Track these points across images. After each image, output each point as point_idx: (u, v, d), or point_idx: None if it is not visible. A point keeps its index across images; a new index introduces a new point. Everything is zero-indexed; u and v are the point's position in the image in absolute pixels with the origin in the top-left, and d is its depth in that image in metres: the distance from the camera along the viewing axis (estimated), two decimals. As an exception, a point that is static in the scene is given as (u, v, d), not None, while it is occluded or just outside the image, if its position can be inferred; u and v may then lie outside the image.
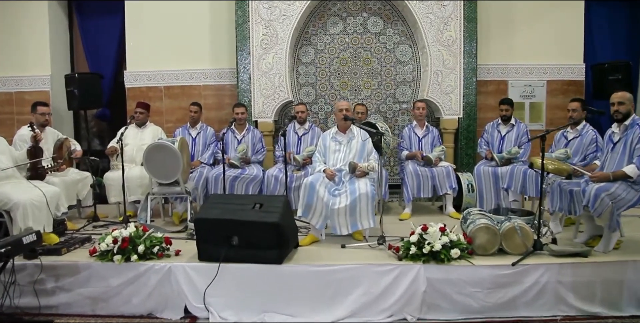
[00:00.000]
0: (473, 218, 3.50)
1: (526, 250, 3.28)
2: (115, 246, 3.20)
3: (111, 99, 6.18)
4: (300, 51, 5.82)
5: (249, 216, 3.14)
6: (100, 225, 4.41)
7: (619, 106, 3.36)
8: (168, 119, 5.97)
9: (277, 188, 4.66)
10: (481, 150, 4.93)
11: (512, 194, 4.46)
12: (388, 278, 3.14)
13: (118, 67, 6.17)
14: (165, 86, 5.94)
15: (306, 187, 3.61)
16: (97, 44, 6.10)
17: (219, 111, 5.98)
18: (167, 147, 4.05)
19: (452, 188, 4.62)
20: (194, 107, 5.05)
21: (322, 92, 5.89)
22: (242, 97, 5.52)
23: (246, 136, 5.03)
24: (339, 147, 3.93)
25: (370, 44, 5.83)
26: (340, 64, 5.85)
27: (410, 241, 3.22)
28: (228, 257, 3.12)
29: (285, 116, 5.83)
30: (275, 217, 3.11)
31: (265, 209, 3.20)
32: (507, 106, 4.77)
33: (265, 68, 5.49)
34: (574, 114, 4.17)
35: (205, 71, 5.93)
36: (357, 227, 3.62)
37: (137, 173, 4.62)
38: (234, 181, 4.66)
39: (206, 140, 5.10)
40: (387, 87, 5.87)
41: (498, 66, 5.90)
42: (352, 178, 3.78)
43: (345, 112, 3.86)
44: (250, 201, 3.30)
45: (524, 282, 3.16)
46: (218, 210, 3.22)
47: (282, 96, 5.51)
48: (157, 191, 4.29)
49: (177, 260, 3.31)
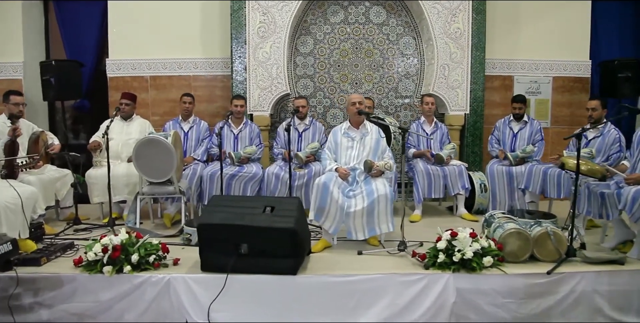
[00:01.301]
0: (499, 222, 3.23)
1: (559, 256, 3.03)
2: (105, 256, 2.79)
3: (90, 89, 5.68)
4: (299, 41, 5.46)
5: (260, 221, 2.78)
6: (82, 228, 3.96)
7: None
8: (154, 111, 5.52)
9: (278, 187, 4.31)
10: (492, 149, 4.68)
11: (529, 195, 4.23)
12: (414, 289, 2.85)
13: (99, 55, 5.67)
14: (151, 76, 5.49)
15: (319, 188, 3.27)
16: (76, 29, 5.57)
17: (210, 103, 5.57)
18: (160, 142, 3.64)
19: (465, 188, 4.36)
20: (187, 99, 4.63)
21: (321, 85, 5.54)
22: (237, 89, 5.13)
23: (243, 131, 4.65)
24: (351, 143, 3.60)
25: (373, 35, 5.51)
26: (340, 56, 5.52)
27: (438, 248, 2.93)
28: (236, 267, 2.76)
29: (281, 110, 5.47)
30: (291, 222, 2.76)
31: (278, 213, 2.85)
32: (520, 104, 4.53)
33: (262, 58, 5.11)
34: (593, 113, 3.96)
35: (195, 60, 5.50)
36: (375, 232, 3.31)
37: (123, 171, 4.19)
38: (230, 180, 4.28)
39: (199, 135, 4.69)
40: (390, 80, 5.57)
41: (504, 61, 5.67)
42: (368, 177, 3.46)
43: (358, 106, 3.53)
44: (259, 204, 2.94)
45: (558, 292, 2.92)
46: (223, 214, 2.85)
47: (280, 89, 5.14)
48: (147, 191, 3.87)
49: (176, 270, 2.93)
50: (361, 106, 3.56)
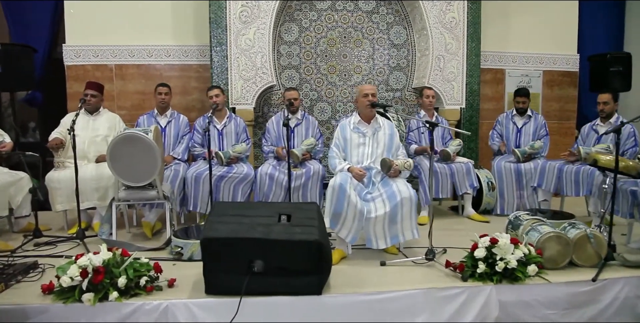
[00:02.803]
0: (532, 225, 2.96)
1: (599, 261, 2.80)
2: (85, 281, 2.25)
3: (43, 79, 4.96)
4: (282, 28, 4.99)
5: (278, 233, 2.34)
6: (44, 241, 3.33)
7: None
8: (120, 105, 4.89)
9: (273, 189, 3.85)
10: (493, 143, 4.44)
11: (542, 194, 4.01)
12: (454, 305, 2.51)
13: (52, 40, 4.95)
14: (116, 65, 4.84)
15: (334, 191, 2.86)
16: (23, 8, 4.82)
17: (184, 96, 5.01)
18: (141, 139, 3.09)
19: (473, 187, 4.09)
20: (162, 89, 4.06)
21: (307, 77, 5.11)
22: (218, 79, 4.59)
23: (228, 125, 4.14)
24: (363, 140, 3.20)
25: (362, 24, 5.14)
26: (328, 45, 5.10)
27: (476, 256, 2.60)
28: (250, 288, 2.31)
29: (264, 103, 4.99)
30: (314, 233, 2.34)
31: (297, 222, 2.42)
32: (524, 98, 4.31)
33: (245, 46, 4.61)
34: (605, 107, 3.79)
35: (167, 47, 4.92)
36: (397, 239, 2.94)
37: (92, 173, 3.58)
38: (219, 182, 3.77)
39: (179, 130, 4.14)
40: (380, 72, 5.22)
41: (495, 53, 5.48)
42: (385, 178, 3.09)
43: (371, 98, 3.14)
44: (271, 211, 2.50)
45: (601, 300, 2.69)
46: (231, 226, 2.38)
47: (265, 80, 4.66)
48: (124, 196, 3.30)
49: (173, 294, 2.42)
50: (374, 98, 3.17)
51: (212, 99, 3.99)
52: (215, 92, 4.01)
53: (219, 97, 4.01)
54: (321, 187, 3.97)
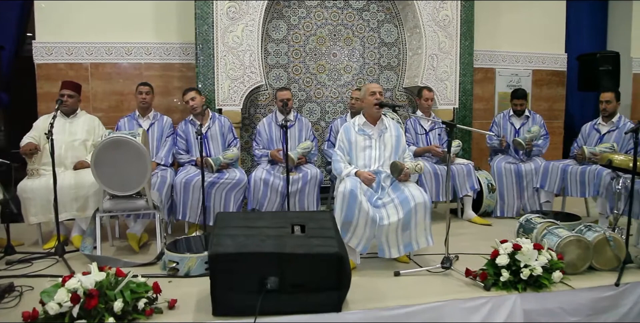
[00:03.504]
0: (547, 228, 2.85)
1: (618, 264, 2.71)
2: (76, 307, 1.98)
3: (9, 78, 4.56)
4: (270, 26, 4.76)
5: (293, 246, 2.12)
6: (17, 259, 2.99)
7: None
8: (97, 107, 4.55)
9: (268, 195, 3.63)
10: (492, 142, 4.32)
11: (545, 195, 3.93)
12: (478, 316, 2.37)
13: (20, 36, 4.55)
14: (92, 63, 4.50)
15: (345, 197, 2.66)
16: (-14, 2, 4.43)
17: (165, 96, 4.71)
18: (130, 144, 2.81)
19: (474, 189, 3.98)
20: (144, 88, 3.76)
21: (296, 76, 4.90)
22: (204, 79, 4.33)
23: (212, 127, 3.85)
24: (369, 143, 3.02)
25: (352, 21, 4.97)
26: (317, 43, 4.91)
27: (499, 264, 2.46)
28: (263, 308, 2.08)
29: (250, 104, 4.74)
30: (334, 245, 2.14)
31: (313, 232, 2.21)
32: (522, 100, 4.21)
33: (233, 43, 4.36)
34: (608, 105, 3.74)
35: (148, 45, 4.61)
36: (411, 248, 2.77)
37: (70, 181, 3.26)
38: (210, 189, 3.51)
39: (162, 133, 3.85)
40: (370, 72, 5.06)
41: (485, 52, 5.42)
42: (395, 182, 2.91)
43: (378, 97, 2.96)
44: (282, 221, 2.28)
45: (622, 304, 2.61)
46: (241, 239, 2.15)
47: (254, 79, 4.42)
48: (110, 207, 3.00)
49: (176, 317, 2.17)
50: (382, 97, 2.99)
51: (188, 104, 3.73)
52: (191, 96, 3.74)
53: (195, 100, 3.74)
54: (319, 192, 3.77)
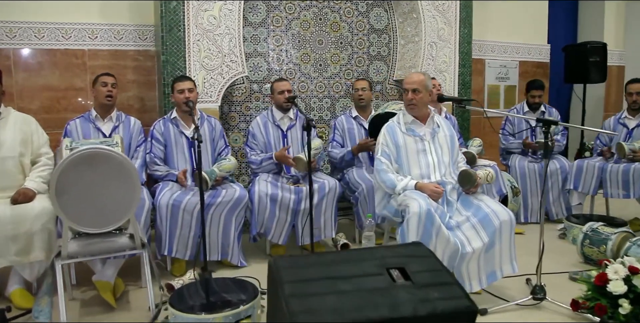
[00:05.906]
0: (632, 241, 2.43)
1: None
2: None
3: None
4: (247, 6, 3.96)
5: (407, 303, 1.45)
6: None
7: None
8: (23, 106, 3.46)
9: (276, 215, 2.89)
10: (511, 143, 3.91)
11: (577, 197, 3.58)
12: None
13: None
14: (15, 49, 3.42)
15: (420, 219, 2.02)
16: None
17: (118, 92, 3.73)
18: (110, 158, 1.93)
19: (501, 194, 3.53)
20: (109, 79, 2.85)
21: (277, 67, 4.15)
22: (172, 70, 3.44)
23: (201, 131, 3.01)
24: (422, 145, 2.40)
25: (339, 4, 4.31)
26: (301, 28, 4.19)
27: (615, 292, 1.98)
28: None
29: (224, 100, 3.92)
30: (460, 295, 1.50)
31: (421, 279, 1.55)
32: (540, 91, 3.85)
33: (209, 25, 3.52)
34: (639, 98, 3.45)
35: (92, 26, 3.61)
36: (495, 277, 2.21)
37: (4, 215, 2.27)
38: (205, 212, 2.69)
39: (130, 140, 2.94)
40: (359, 62, 4.45)
41: (475, 42, 5.01)
42: (462, 195, 2.33)
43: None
44: (370, 264, 1.59)
45: None
46: (330, 298, 1.43)
47: (234, 69, 3.63)
48: (77, 249, 2.08)
49: None
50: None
51: (183, 95, 2.88)
52: (188, 86, 2.90)
53: (193, 92, 2.91)
54: (336, 209, 3.09)
